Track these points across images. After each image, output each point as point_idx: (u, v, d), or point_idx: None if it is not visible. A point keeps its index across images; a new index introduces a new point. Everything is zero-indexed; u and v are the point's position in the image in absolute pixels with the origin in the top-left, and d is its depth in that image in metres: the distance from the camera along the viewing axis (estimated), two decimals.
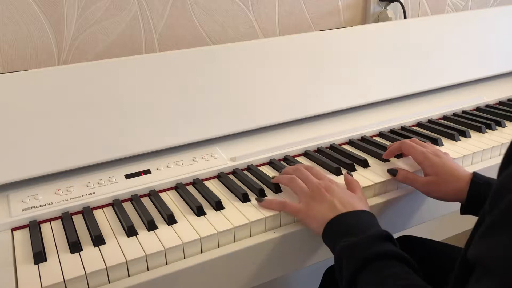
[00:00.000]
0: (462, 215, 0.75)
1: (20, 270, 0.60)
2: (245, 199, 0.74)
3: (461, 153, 0.87)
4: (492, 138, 0.94)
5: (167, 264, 0.63)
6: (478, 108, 1.11)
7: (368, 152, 0.89)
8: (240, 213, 0.71)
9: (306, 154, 0.90)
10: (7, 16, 1.00)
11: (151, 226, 0.68)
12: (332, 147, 0.92)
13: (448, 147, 0.90)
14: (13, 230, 0.69)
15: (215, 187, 0.79)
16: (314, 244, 0.72)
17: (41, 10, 1.02)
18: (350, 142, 0.94)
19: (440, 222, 1.41)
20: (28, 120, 0.77)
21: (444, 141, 0.93)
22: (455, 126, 0.99)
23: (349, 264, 0.57)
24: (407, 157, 0.86)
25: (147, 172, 0.81)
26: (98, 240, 0.65)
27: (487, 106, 1.11)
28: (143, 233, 0.67)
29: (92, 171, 0.81)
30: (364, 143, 0.93)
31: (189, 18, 1.18)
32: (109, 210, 0.74)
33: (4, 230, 0.69)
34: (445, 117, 1.06)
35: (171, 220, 0.69)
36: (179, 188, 0.78)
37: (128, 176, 0.80)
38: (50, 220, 0.72)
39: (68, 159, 0.78)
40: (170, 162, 0.84)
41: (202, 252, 0.65)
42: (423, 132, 0.97)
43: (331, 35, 1.04)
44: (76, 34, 1.07)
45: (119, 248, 0.64)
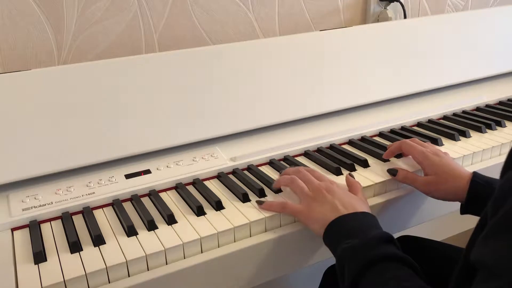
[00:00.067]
0: (462, 214, 0.75)
1: (20, 270, 0.60)
2: (245, 199, 0.74)
3: (461, 153, 0.87)
4: (492, 138, 0.94)
5: (167, 264, 0.63)
6: (478, 108, 1.11)
7: (368, 152, 0.89)
8: (240, 213, 0.71)
9: (306, 154, 0.90)
10: (7, 16, 1.00)
11: (151, 226, 0.68)
12: (332, 147, 0.92)
13: (448, 147, 0.90)
14: (13, 230, 0.69)
15: (215, 187, 0.79)
16: (314, 244, 0.72)
17: (41, 10, 1.02)
18: (350, 142, 0.94)
19: (440, 222, 1.41)
20: (28, 120, 0.77)
21: (444, 141, 0.93)
22: (455, 126, 0.99)
23: (351, 267, 0.56)
24: (407, 157, 0.86)
25: (147, 172, 0.81)
26: (98, 240, 0.65)
27: (487, 106, 1.11)
28: (143, 233, 0.67)
29: (92, 171, 0.81)
30: (364, 143, 0.93)
31: (189, 18, 1.18)
32: (109, 210, 0.74)
33: (4, 230, 0.69)
34: (445, 117, 1.06)
35: (171, 220, 0.69)
36: (179, 188, 0.78)
37: (128, 176, 0.80)
38: (50, 220, 0.72)
39: (68, 159, 0.78)
40: (170, 162, 0.84)
41: (202, 252, 0.65)
42: (423, 132, 0.97)
43: (331, 35, 1.04)
44: (76, 34, 1.07)
45: (119, 248, 0.64)
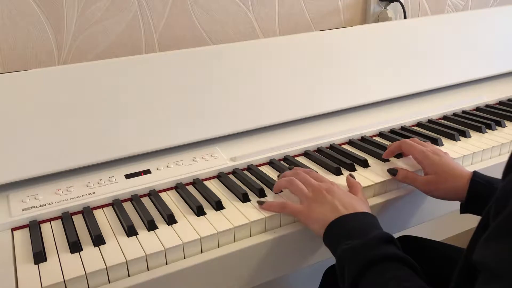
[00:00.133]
0: (462, 214, 0.75)
1: (20, 270, 0.60)
2: (245, 199, 0.74)
3: (461, 153, 0.87)
4: (492, 138, 0.94)
5: (167, 264, 0.63)
6: (478, 108, 1.11)
7: (368, 152, 0.89)
8: (240, 213, 0.71)
9: (306, 154, 0.90)
10: (7, 16, 1.00)
11: (151, 226, 0.68)
12: (332, 147, 0.92)
13: (448, 147, 0.90)
14: (13, 230, 0.69)
15: (215, 187, 0.79)
16: (314, 244, 0.72)
17: (41, 10, 1.02)
18: (350, 142, 0.94)
19: (440, 222, 1.41)
20: (28, 120, 0.77)
21: (444, 141, 0.93)
22: (455, 126, 0.99)
23: (351, 267, 0.56)
24: (407, 157, 0.86)
25: (147, 172, 0.81)
26: (98, 240, 0.65)
27: (487, 106, 1.11)
28: (143, 233, 0.67)
29: (92, 171, 0.81)
30: (364, 143, 0.93)
31: (189, 18, 1.18)
32: (109, 210, 0.74)
33: (4, 230, 0.69)
34: (445, 117, 1.06)
35: (171, 220, 0.69)
36: (179, 188, 0.78)
37: (128, 176, 0.80)
38: (50, 220, 0.72)
39: (68, 159, 0.78)
40: (170, 162, 0.84)
41: (202, 252, 0.65)
42: (423, 132, 0.97)
43: (331, 35, 1.04)
44: (76, 34, 1.07)
45: (119, 248, 0.64)
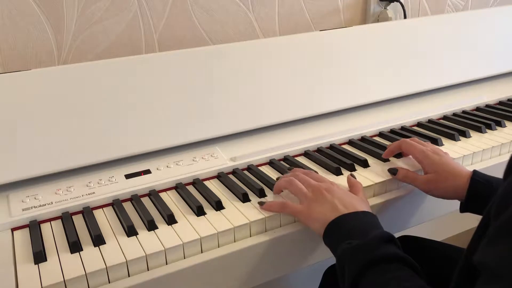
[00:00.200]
0: (462, 213, 0.75)
1: (20, 270, 0.60)
2: (245, 199, 0.74)
3: (461, 153, 0.87)
4: (492, 138, 0.94)
5: (167, 264, 0.63)
6: (478, 108, 1.11)
7: (368, 152, 0.89)
8: (240, 213, 0.71)
9: (306, 154, 0.90)
10: (7, 16, 1.00)
11: (151, 226, 0.68)
12: (332, 147, 0.92)
13: (448, 147, 0.90)
14: (13, 230, 0.69)
15: (215, 187, 0.79)
16: (314, 244, 0.72)
17: (41, 10, 1.02)
18: (350, 142, 0.94)
19: (440, 222, 1.41)
20: (28, 120, 0.77)
21: (444, 141, 0.93)
22: (455, 126, 0.99)
23: (351, 267, 0.56)
24: (407, 157, 0.86)
25: (147, 172, 0.81)
26: (98, 240, 0.65)
27: (487, 106, 1.11)
28: (143, 233, 0.67)
29: (92, 171, 0.81)
30: (364, 143, 0.93)
31: (189, 18, 1.18)
32: (109, 210, 0.74)
33: (4, 230, 0.69)
34: (445, 117, 1.06)
35: (171, 220, 0.69)
36: (179, 188, 0.78)
37: (128, 176, 0.80)
38: (50, 220, 0.72)
39: (68, 159, 0.78)
40: (170, 162, 0.84)
41: (202, 252, 0.65)
42: (423, 132, 0.97)
43: (331, 35, 1.04)
44: (76, 34, 1.07)
45: (119, 248, 0.64)
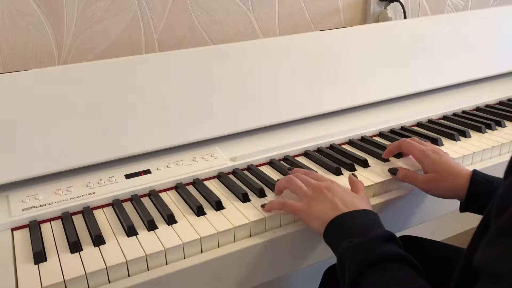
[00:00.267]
0: (462, 212, 0.75)
1: (20, 270, 0.60)
2: (245, 199, 0.74)
3: (461, 153, 0.87)
4: (492, 138, 0.94)
5: (167, 264, 0.63)
6: (478, 108, 1.11)
7: (368, 152, 0.89)
8: (240, 213, 0.71)
9: (306, 154, 0.90)
10: (7, 16, 1.00)
11: (151, 226, 0.68)
12: (332, 147, 0.92)
13: (448, 147, 0.90)
14: (13, 230, 0.69)
15: (215, 187, 0.79)
16: (314, 244, 0.72)
17: (41, 10, 1.02)
18: (350, 142, 0.94)
19: (440, 222, 1.41)
20: (28, 120, 0.77)
21: (444, 141, 0.93)
22: (455, 126, 0.99)
23: (352, 266, 0.56)
24: (407, 156, 0.86)
25: (147, 172, 0.81)
26: (98, 240, 0.65)
27: (487, 106, 1.11)
28: (143, 233, 0.67)
29: (92, 171, 0.81)
30: (364, 143, 0.93)
31: (189, 18, 1.18)
32: (109, 210, 0.74)
33: (4, 230, 0.69)
34: (445, 117, 1.06)
35: (171, 220, 0.69)
36: (179, 188, 0.78)
37: (128, 176, 0.80)
38: (50, 220, 0.72)
39: (68, 159, 0.78)
40: (170, 162, 0.84)
41: (202, 252, 0.65)
42: (423, 132, 0.97)
43: (331, 35, 1.04)
44: (76, 34, 1.07)
45: (119, 248, 0.64)
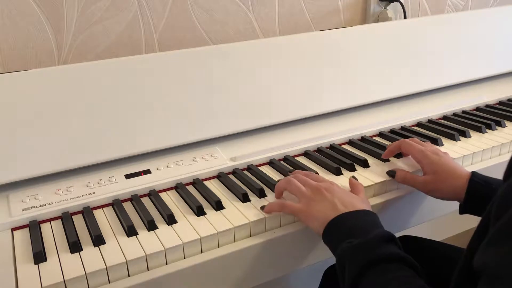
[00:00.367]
0: (461, 214, 0.75)
1: (20, 270, 0.61)
2: (245, 199, 0.74)
3: (461, 153, 0.87)
4: (492, 138, 0.94)
5: (167, 264, 0.63)
6: (478, 108, 1.11)
7: (368, 152, 0.89)
8: (240, 213, 0.71)
9: (306, 154, 0.90)
10: (7, 16, 1.00)
11: (151, 226, 0.68)
12: (332, 147, 0.92)
13: (448, 147, 0.90)
14: (13, 230, 0.69)
15: (215, 187, 0.79)
16: (314, 244, 0.72)
17: (41, 10, 1.02)
18: (350, 142, 0.94)
19: (440, 222, 1.41)
20: (28, 120, 0.77)
21: (444, 141, 0.93)
22: (455, 126, 0.99)
23: (352, 267, 0.56)
24: (407, 157, 0.86)
25: (147, 172, 0.81)
26: (98, 240, 0.65)
27: (487, 106, 1.11)
28: (143, 233, 0.67)
29: (92, 171, 0.81)
30: (364, 143, 0.93)
31: (189, 18, 1.18)
32: (109, 210, 0.74)
33: (4, 230, 0.69)
34: (445, 117, 1.06)
35: (171, 220, 0.69)
36: (179, 188, 0.78)
37: (128, 176, 0.80)
38: (50, 220, 0.72)
39: (68, 159, 0.78)
40: (170, 162, 0.84)
41: (202, 252, 0.65)
42: (423, 132, 0.97)
43: (331, 35, 1.04)
44: (76, 34, 1.07)
45: (119, 248, 0.64)
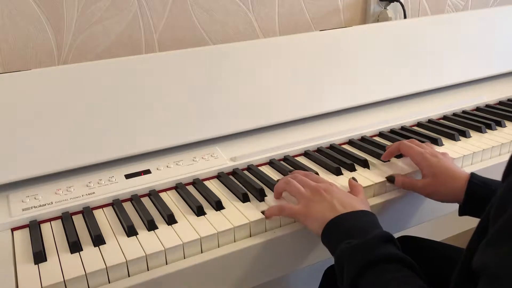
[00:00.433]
0: (460, 216, 0.75)
1: (20, 270, 0.61)
2: (245, 199, 0.74)
3: (461, 153, 0.87)
4: (492, 138, 0.94)
5: (167, 264, 0.63)
6: (478, 108, 1.11)
7: (368, 152, 0.89)
8: (240, 213, 0.71)
9: (306, 154, 0.90)
10: (7, 16, 1.00)
11: (151, 226, 0.68)
12: (332, 147, 0.92)
13: (448, 147, 0.90)
14: (13, 230, 0.69)
15: (215, 187, 0.79)
16: (314, 244, 0.72)
17: (41, 10, 1.02)
18: (350, 142, 0.94)
19: (440, 222, 1.41)
20: (28, 120, 0.77)
21: (444, 141, 0.93)
22: (455, 126, 0.99)
23: (350, 268, 0.56)
24: (407, 157, 0.86)
25: (147, 172, 0.81)
26: (98, 240, 0.65)
27: (487, 106, 1.11)
28: (143, 233, 0.67)
29: (92, 171, 0.81)
30: (364, 143, 0.93)
31: (189, 18, 1.18)
32: (109, 210, 0.74)
33: (4, 230, 0.69)
34: (445, 117, 1.06)
35: (171, 220, 0.69)
36: (179, 188, 0.78)
37: (128, 176, 0.80)
38: (50, 220, 0.72)
39: (68, 159, 0.78)
40: (170, 162, 0.84)
41: (202, 252, 0.65)
42: (423, 132, 0.97)
43: (331, 35, 1.04)
44: (76, 34, 1.07)
45: (119, 248, 0.64)
